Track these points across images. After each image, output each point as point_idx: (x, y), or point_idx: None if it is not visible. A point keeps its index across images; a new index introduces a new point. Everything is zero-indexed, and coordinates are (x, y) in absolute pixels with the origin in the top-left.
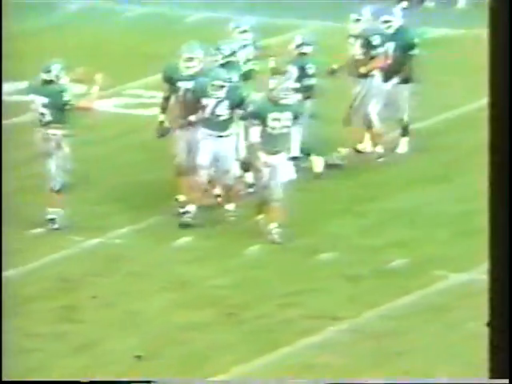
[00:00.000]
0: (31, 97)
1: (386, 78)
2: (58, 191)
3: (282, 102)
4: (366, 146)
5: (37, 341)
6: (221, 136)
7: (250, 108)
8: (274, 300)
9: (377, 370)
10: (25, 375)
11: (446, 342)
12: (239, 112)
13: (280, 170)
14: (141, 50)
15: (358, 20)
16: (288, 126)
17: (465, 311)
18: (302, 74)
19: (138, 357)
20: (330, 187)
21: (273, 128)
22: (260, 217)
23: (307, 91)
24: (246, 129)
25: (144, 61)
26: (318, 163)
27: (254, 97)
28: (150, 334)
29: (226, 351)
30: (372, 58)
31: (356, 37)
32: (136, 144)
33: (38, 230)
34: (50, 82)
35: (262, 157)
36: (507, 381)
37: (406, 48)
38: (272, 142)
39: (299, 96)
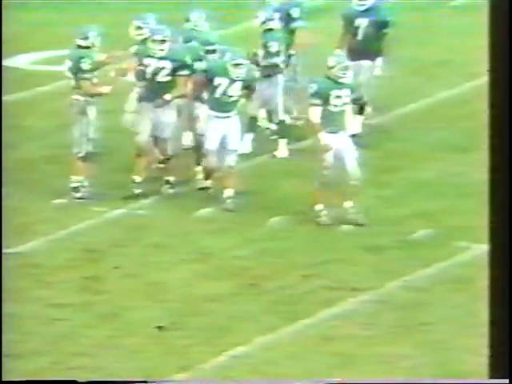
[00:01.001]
0: (66, 62)
1: (354, 57)
2: (83, 159)
3: (342, 80)
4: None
5: (61, 311)
6: (228, 117)
7: (313, 88)
8: (296, 271)
9: (399, 341)
10: (49, 344)
11: (468, 313)
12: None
13: (346, 149)
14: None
15: None
16: (347, 103)
17: (487, 282)
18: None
19: (160, 327)
20: None
21: (335, 106)
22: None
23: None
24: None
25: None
26: None
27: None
28: (173, 305)
29: (248, 322)
30: (292, 31)
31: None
32: None
33: (62, 201)
34: (84, 47)
35: (324, 137)
36: (507, 381)
37: (379, 26)
38: (333, 121)
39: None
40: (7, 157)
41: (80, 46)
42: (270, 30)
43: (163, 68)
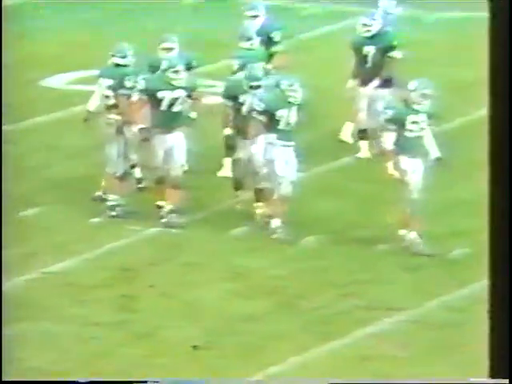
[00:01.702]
0: (100, 81)
1: (365, 82)
2: (120, 178)
3: (418, 106)
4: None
5: (97, 330)
6: (290, 146)
7: (388, 114)
8: (332, 290)
9: (435, 362)
10: (85, 363)
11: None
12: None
13: (418, 173)
14: (202, 38)
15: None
16: (424, 129)
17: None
18: None
19: (195, 347)
20: (385, 176)
21: (411, 131)
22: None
23: None
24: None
25: (206, 49)
26: (365, 148)
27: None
28: (208, 324)
29: (283, 341)
30: (272, 54)
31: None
32: (193, 133)
33: (98, 220)
34: (121, 65)
35: (403, 162)
36: (507, 381)
37: (385, 50)
38: (410, 146)
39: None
40: (43, 176)
41: (118, 65)
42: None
43: (178, 98)
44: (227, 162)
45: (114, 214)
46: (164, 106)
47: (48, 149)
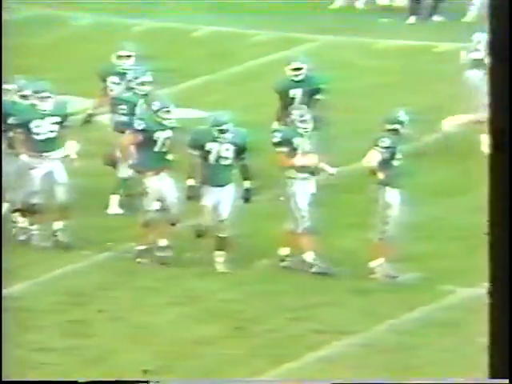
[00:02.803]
0: None
1: None
2: (62, 206)
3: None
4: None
5: (47, 355)
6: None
7: (385, 142)
8: (283, 314)
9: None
10: None
11: (455, 357)
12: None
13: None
14: (150, 64)
15: None
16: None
17: (473, 326)
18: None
19: (145, 371)
20: (341, 200)
21: (397, 160)
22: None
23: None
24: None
25: (153, 75)
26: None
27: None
28: (159, 348)
29: (236, 365)
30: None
31: None
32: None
33: (44, 244)
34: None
35: (388, 194)
36: (507, 381)
37: (311, 93)
38: (397, 177)
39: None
40: None
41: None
42: None
43: (168, 138)
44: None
45: (61, 240)
46: (157, 146)
47: None
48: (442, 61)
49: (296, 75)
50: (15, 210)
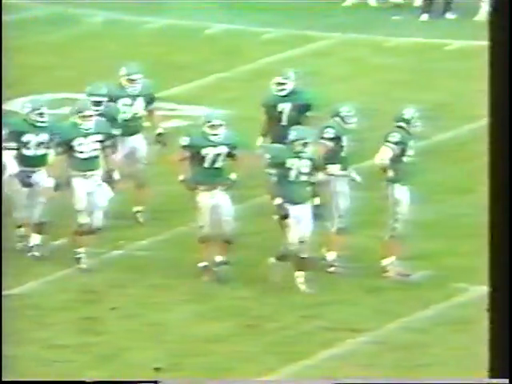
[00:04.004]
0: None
1: (278, 140)
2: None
3: (414, 131)
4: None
5: (60, 352)
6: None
7: (396, 136)
8: (296, 312)
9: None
10: None
11: (468, 355)
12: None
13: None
14: (162, 61)
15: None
16: (414, 155)
17: (486, 324)
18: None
19: (157, 369)
20: (354, 197)
21: (408, 157)
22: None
23: None
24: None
25: (165, 73)
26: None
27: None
28: (171, 346)
29: (248, 363)
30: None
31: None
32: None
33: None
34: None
35: (397, 191)
36: (507, 381)
37: (300, 108)
38: (405, 174)
39: None
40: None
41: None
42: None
43: (219, 154)
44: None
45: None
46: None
47: None
48: (454, 58)
49: (280, 90)
50: (76, 233)
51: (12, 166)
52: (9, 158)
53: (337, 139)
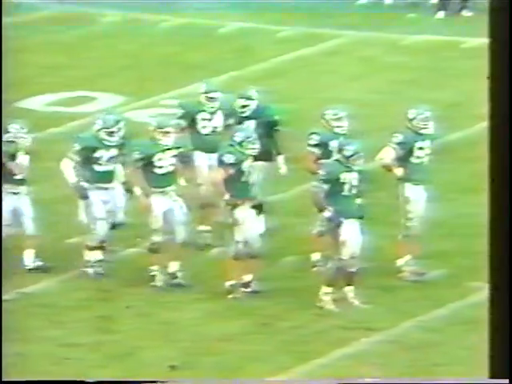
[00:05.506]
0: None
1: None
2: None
3: (423, 131)
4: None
5: (73, 350)
6: None
7: (398, 137)
8: (309, 310)
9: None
10: None
11: (482, 355)
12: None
13: (421, 201)
14: (176, 60)
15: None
16: (428, 155)
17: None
18: None
19: (172, 367)
20: (366, 196)
21: (417, 157)
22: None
23: None
24: None
25: (180, 71)
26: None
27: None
28: (186, 344)
29: (260, 362)
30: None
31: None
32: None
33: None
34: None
35: (408, 189)
36: (507, 381)
37: (267, 125)
38: (416, 173)
39: None
40: None
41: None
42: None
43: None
44: None
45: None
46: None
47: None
48: (469, 57)
49: (242, 112)
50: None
51: (71, 177)
52: (69, 168)
53: (323, 145)
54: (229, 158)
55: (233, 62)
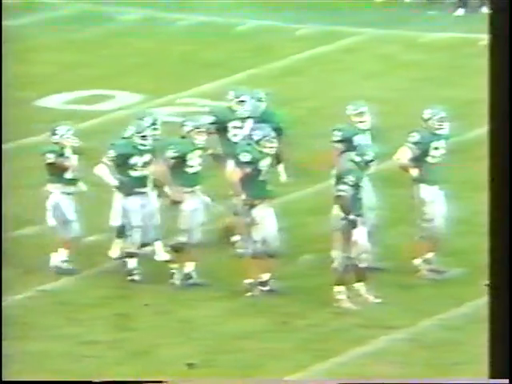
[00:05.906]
0: None
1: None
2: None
3: (439, 131)
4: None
5: (92, 348)
6: None
7: (415, 137)
8: (328, 308)
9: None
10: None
11: None
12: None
13: (438, 203)
14: (193, 58)
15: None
16: (443, 155)
17: None
18: None
19: (190, 365)
20: (385, 194)
21: (433, 157)
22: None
23: None
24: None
25: (197, 70)
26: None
27: None
28: (204, 342)
29: (279, 360)
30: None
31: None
32: None
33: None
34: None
35: (423, 190)
36: (507, 381)
37: (274, 131)
38: (431, 173)
39: None
40: (40, 195)
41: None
42: None
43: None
44: None
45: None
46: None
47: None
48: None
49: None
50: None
51: (111, 180)
52: (106, 173)
53: (347, 141)
54: (245, 157)
55: (250, 60)
